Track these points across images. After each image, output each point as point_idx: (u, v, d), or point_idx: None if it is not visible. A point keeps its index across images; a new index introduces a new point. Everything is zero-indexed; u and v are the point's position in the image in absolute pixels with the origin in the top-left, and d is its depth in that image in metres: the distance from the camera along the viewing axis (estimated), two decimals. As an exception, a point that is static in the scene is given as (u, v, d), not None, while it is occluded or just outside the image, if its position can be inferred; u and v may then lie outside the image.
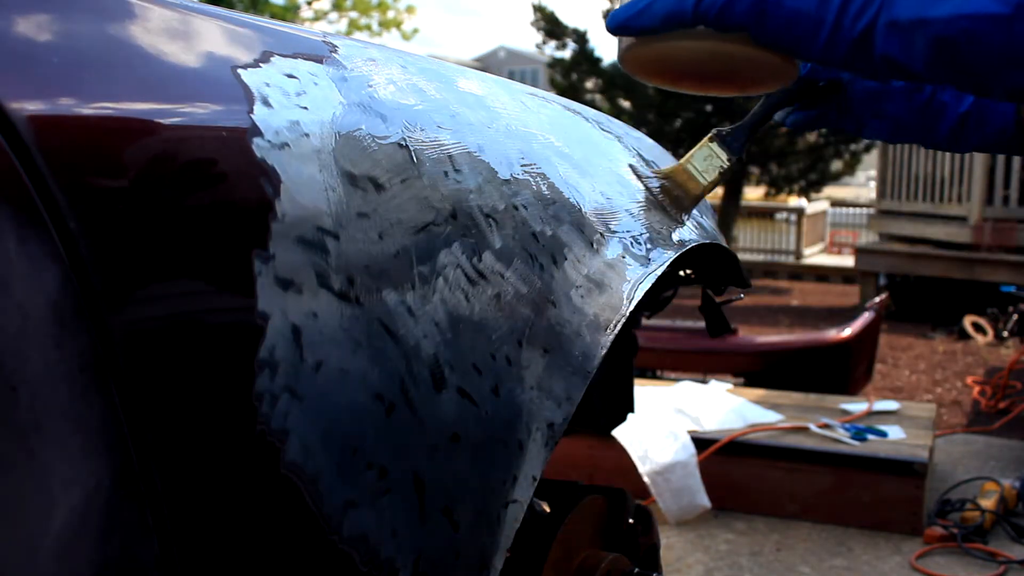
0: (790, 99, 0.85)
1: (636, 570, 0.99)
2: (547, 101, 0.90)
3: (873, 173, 11.16)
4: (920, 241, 7.62)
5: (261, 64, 0.55)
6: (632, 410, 1.39)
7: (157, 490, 0.42)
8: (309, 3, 16.79)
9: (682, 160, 0.88)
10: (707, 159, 0.87)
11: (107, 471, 0.40)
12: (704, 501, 2.97)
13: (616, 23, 0.65)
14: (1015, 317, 6.34)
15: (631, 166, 0.89)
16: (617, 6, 0.66)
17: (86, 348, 0.40)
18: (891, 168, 8.22)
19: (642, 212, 0.85)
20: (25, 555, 0.37)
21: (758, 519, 3.02)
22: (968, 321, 6.51)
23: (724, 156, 0.86)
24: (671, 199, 0.88)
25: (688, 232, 0.91)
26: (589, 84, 11.21)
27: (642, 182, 0.87)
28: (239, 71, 0.53)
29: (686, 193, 0.88)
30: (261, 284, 0.47)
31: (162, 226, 0.44)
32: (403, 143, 0.60)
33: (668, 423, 3.11)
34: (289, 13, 16.10)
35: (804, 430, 3.19)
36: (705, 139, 0.87)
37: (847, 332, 4.24)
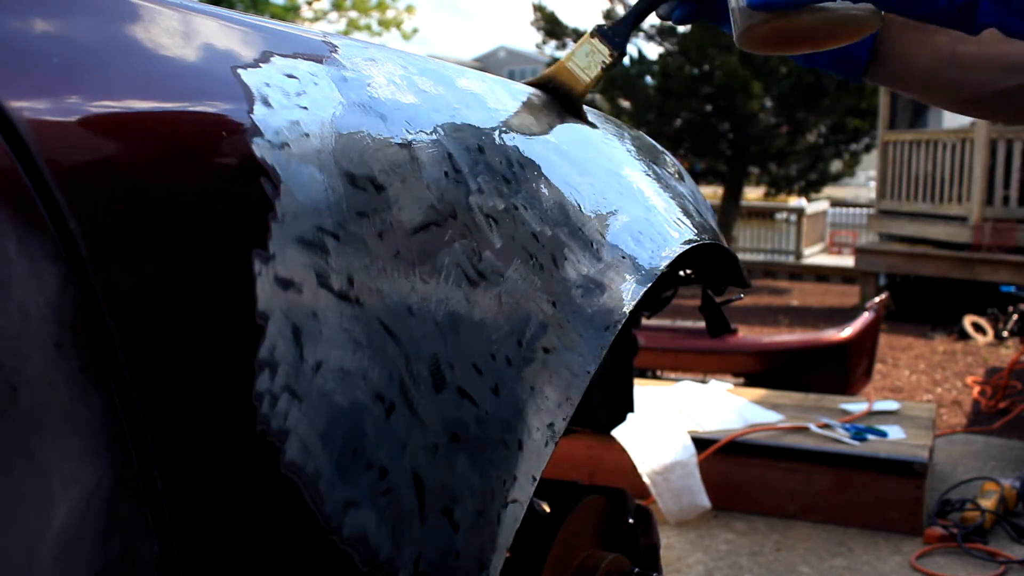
0: None
1: (636, 570, 0.99)
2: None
3: (873, 173, 11.17)
4: (920, 241, 7.62)
5: (261, 64, 0.55)
6: (632, 410, 1.39)
7: (157, 490, 0.42)
8: (309, 3, 16.79)
9: (563, 59, 0.90)
10: (589, 55, 0.89)
11: (107, 471, 0.40)
12: (704, 501, 2.97)
13: (761, 1, 0.74)
14: (1015, 317, 6.34)
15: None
16: None
17: (86, 348, 0.40)
18: (891, 168, 8.22)
19: (642, 211, 0.85)
20: (25, 555, 0.37)
21: (758, 519, 3.02)
22: (968, 321, 6.51)
23: (606, 51, 0.88)
24: (558, 97, 0.89)
25: (688, 232, 0.91)
26: (589, 84, 11.20)
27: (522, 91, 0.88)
28: (239, 71, 0.53)
29: (572, 91, 0.89)
30: (261, 284, 0.47)
31: (162, 226, 0.44)
32: (403, 143, 0.60)
33: (668, 423, 3.11)
34: (289, 13, 16.10)
35: (804, 430, 3.19)
36: (586, 35, 0.89)
37: (847, 332, 4.24)
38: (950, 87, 0.91)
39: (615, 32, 0.89)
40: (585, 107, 1.01)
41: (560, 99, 0.88)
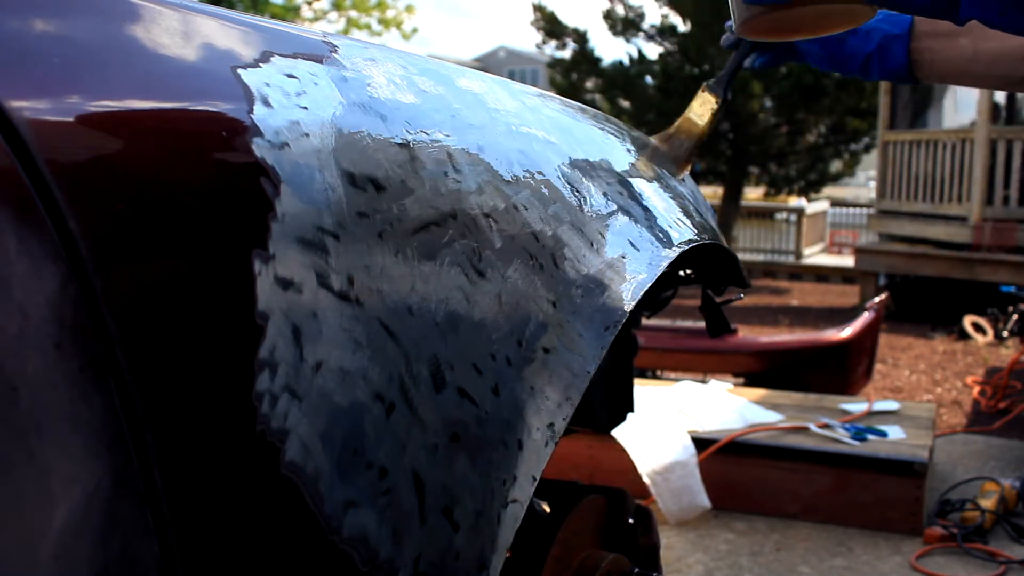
0: (752, 50, 1.14)
1: (636, 570, 0.99)
2: (547, 101, 0.90)
3: (873, 173, 11.16)
4: (920, 241, 7.62)
5: (261, 64, 0.55)
6: (632, 410, 1.40)
7: (157, 490, 0.42)
8: (309, 3, 16.78)
9: (685, 113, 1.15)
10: (702, 105, 1.15)
11: (107, 471, 0.40)
12: (704, 501, 2.97)
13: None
14: (1015, 317, 6.34)
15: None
16: None
17: (86, 348, 0.40)
18: (891, 168, 8.22)
19: (642, 211, 0.85)
20: (25, 555, 0.37)
21: (758, 519, 3.02)
22: (968, 321, 6.51)
23: (713, 100, 1.14)
24: (679, 144, 1.13)
25: (688, 232, 0.91)
26: (589, 84, 11.21)
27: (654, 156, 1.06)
28: (239, 71, 0.53)
29: (690, 136, 1.13)
30: (261, 284, 0.47)
31: (162, 226, 0.44)
32: (403, 143, 0.60)
33: (668, 423, 3.11)
34: (289, 13, 16.09)
35: (804, 430, 3.19)
36: (699, 91, 1.15)
37: (847, 332, 4.24)
38: (983, 79, 1.02)
39: (718, 83, 1.14)
40: (585, 107, 1.01)
41: (681, 143, 1.13)
